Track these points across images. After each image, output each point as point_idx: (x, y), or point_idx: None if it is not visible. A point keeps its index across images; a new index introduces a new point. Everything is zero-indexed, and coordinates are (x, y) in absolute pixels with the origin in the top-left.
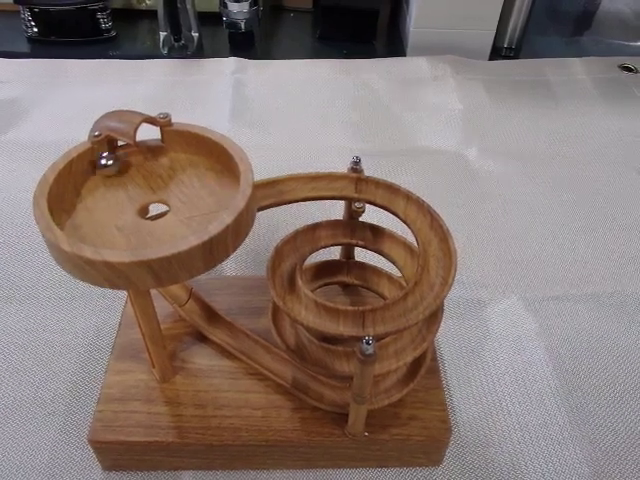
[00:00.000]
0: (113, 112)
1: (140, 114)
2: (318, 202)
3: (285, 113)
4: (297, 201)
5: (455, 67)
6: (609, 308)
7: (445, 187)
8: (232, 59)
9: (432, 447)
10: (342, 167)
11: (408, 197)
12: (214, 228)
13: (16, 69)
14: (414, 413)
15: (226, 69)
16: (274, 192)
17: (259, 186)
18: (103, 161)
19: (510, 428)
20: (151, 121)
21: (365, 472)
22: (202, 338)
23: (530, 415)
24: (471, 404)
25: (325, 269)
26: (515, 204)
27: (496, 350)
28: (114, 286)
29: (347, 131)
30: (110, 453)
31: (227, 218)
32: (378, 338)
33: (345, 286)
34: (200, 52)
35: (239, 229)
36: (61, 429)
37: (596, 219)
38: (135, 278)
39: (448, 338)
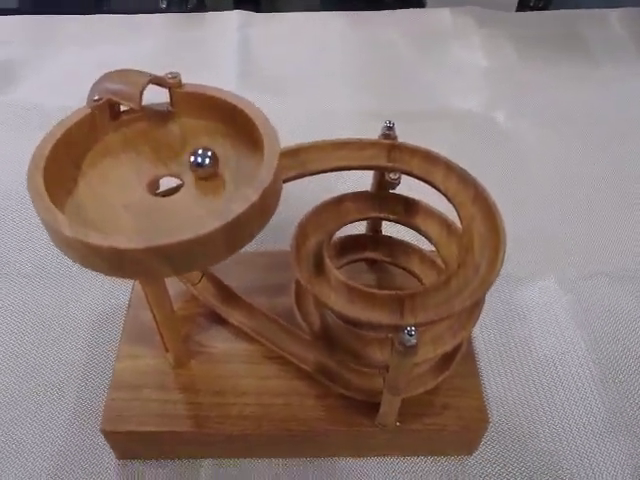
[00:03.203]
0: (114, 72)
1: (146, 74)
2: (341, 172)
3: (297, 73)
4: (323, 172)
5: (480, 20)
6: None
7: (472, 153)
8: (236, 12)
9: (467, 437)
10: (361, 132)
11: (448, 166)
12: (238, 207)
13: (3, 28)
14: (448, 401)
15: (230, 24)
16: (297, 162)
17: (280, 156)
18: None
19: (547, 415)
20: (159, 82)
21: (391, 459)
22: (217, 319)
23: (567, 402)
24: (505, 390)
25: (350, 244)
26: (548, 174)
27: (531, 332)
28: (123, 275)
29: (364, 92)
30: (124, 443)
31: (253, 194)
32: (418, 327)
33: (372, 263)
34: (202, 5)
35: (265, 207)
36: (73, 415)
37: (634, 193)
38: (148, 267)
39: (480, 320)
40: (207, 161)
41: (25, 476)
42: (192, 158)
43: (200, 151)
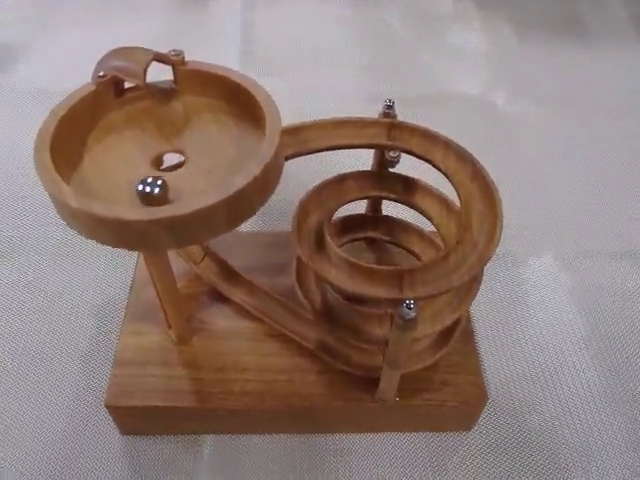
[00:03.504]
0: (119, 49)
1: (149, 51)
2: (341, 151)
3: (298, 55)
4: (324, 150)
5: (479, 3)
6: None
7: (471, 136)
8: None
9: (466, 413)
10: (361, 115)
11: (447, 145)
12: (240, 180)
13: (4, 9)
14: (447, 378)
15: (232, 7)
16: (298, 140)
17: (281, 133)
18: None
19: (545, 392)
20: (162, 59)
21: (391, 436)
22: (219, 297)
23: (565, 379)
24: (503, 367)
25: (350, 224)
26: (547, 155)
27: (529, 309)
28: (126, 246)
29: (364, 75)
30: (128, 418)
31: (255, 169)
32: (417, 301)
33: (371, 242)
34: None
35: (267, 181)
36: (77, 391)
37: (634, 174)
38: (151, 238)
39: (478, 296)
40: (157, 190)
41: (30, 451)
42: (140, 186)
43: (150, 179)
